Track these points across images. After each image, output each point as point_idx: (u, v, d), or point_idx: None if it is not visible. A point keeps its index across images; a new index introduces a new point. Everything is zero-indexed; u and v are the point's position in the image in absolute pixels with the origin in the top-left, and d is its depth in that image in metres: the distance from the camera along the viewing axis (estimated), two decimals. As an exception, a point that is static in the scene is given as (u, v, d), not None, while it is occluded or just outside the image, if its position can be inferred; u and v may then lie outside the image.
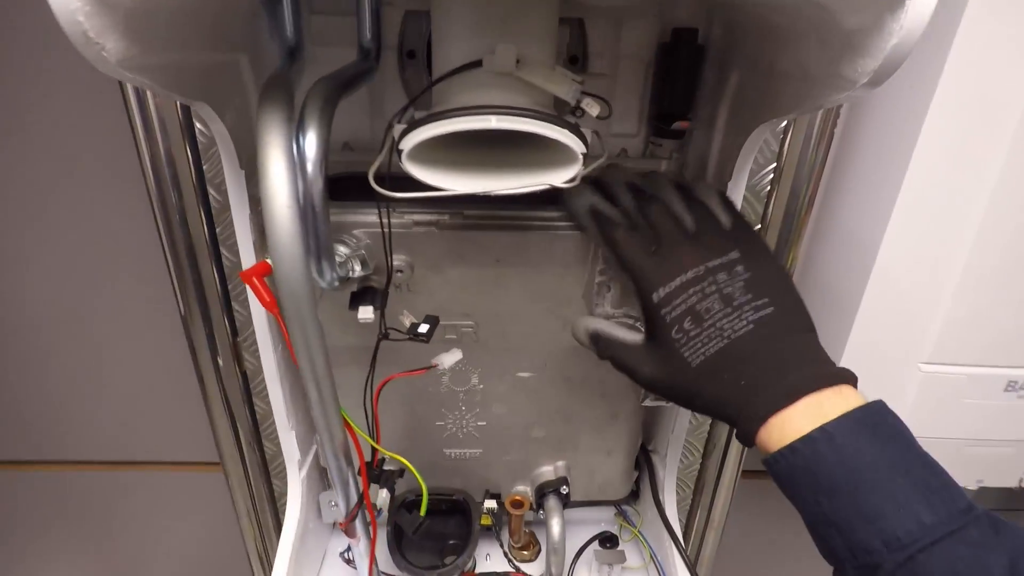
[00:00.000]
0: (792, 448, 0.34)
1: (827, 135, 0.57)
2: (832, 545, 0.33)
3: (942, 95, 0.54)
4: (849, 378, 0.36)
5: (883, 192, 0.61)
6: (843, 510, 0.32)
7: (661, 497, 0.66)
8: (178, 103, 0.60)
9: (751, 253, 0.40)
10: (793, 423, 0.34)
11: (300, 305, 0.37)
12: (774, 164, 0.59)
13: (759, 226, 0.62)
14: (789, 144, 0.58)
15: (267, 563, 0.91)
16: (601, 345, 0.45)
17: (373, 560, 0.52)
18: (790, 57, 0.38)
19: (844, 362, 0.68)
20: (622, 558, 0.67)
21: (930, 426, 0.69)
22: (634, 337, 0.43)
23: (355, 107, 0.55)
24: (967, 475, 0.74)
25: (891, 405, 0.69)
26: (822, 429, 0.33)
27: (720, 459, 0.77)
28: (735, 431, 0.38)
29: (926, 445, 0.72)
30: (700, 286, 0.39)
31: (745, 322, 0.38)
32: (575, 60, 0.53)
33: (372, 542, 0.51)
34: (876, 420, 0.34)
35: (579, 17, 0.51)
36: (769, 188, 0.60)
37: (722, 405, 0.38)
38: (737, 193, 0.48)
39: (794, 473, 0.34)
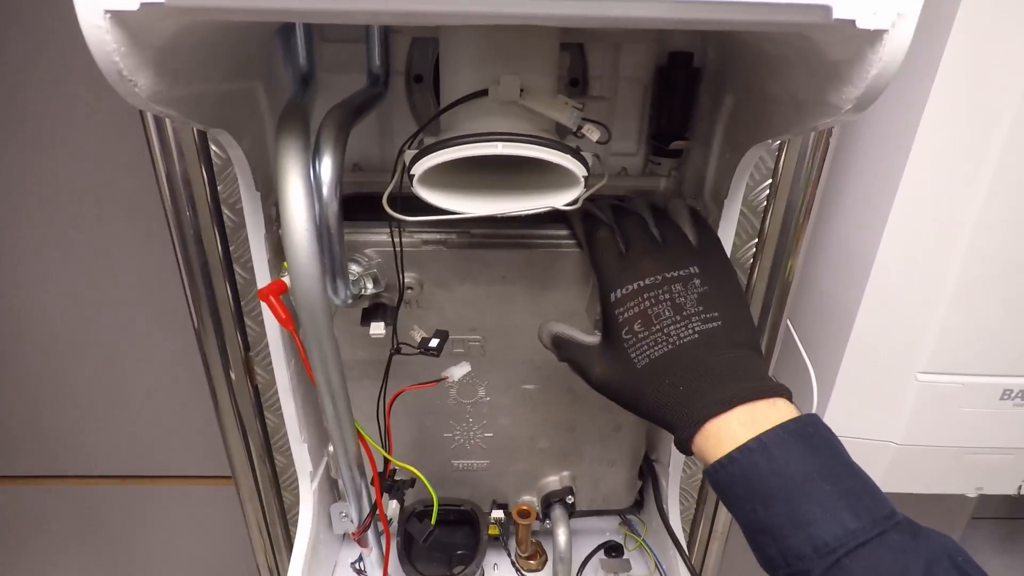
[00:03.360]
0: (730, 458, 0.35)
1: (821, 150, 0.59)
2: (767, 553, 0.35)
3: (933, 108, 0.56)
4: (784, 392, 0.38)
5: (877, 204, 0.62)
6: (777, 517, 0.34)
7: (665, 506, 0.67)
8: (194, 127, 0.62)
9: (710, 270, 0.43)
10: (729, 431, 0.36)
11: (318, 322, 0.38)
12: (770, 180, 0.61)
13: (755, 240, 0.64)
14: (784, 160, 0.60)
15: (277, 575, 0.92)
16: (560, 347, 0.46)
17: (386, 569, 0.53)
18: (780, 83, 0.40)
19: (842, 373, 0.70)
20: (627, 567, 0.68)
21: (928, 434, 0.70)
22: (591, 339, 0.44)
23: (364, 129, 0.58)
24: (967, 482, 0.75)
25: (890, 414, 0.70)
26: (758, 439, 0.35)
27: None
28: (673, 439, 0.39)
29: (925, 453, 0.73)
30: (655, 292, 0.41)
31: (692, 331, 0.40)
32: (576, 83, 0.55)
33: (386, 550, 0.53)
34: (809, 431, 0.35)
35: (579, 43, 0.53)
36: (766, 203, 0.62)
37: (661, 409, 0.39)
38: (733, 209, 0.50)
39: (732, 483, 0.35)
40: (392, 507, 0.63)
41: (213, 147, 0.63)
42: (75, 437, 0.96)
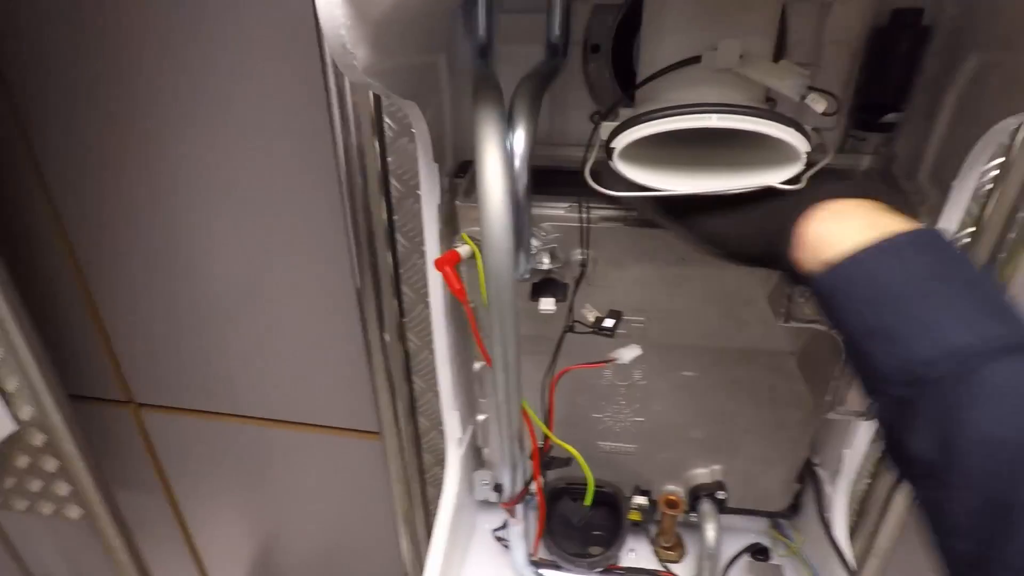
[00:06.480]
0: (855, 258, 0.31)
1: (1073, 127, 0.49)
2: (881, 362, 0.30)
3: None
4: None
5: None
6: (904, 321, 0.30)
7: (828, 516, 0.61)
8: (371, 99, 0.65)
9: None
10: (847, 231, 0.32)
11: (503, 295, 0.38)
12: (1002, 159, 0.52)
13: (972, 228, 0.55)
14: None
15: (412, 528, 0.98)
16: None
17: (537, 543, 0.54)
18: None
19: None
20: (780, 573, 0.63)
21: None
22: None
23: (535, 101, 0.57)
24: None
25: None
26: (890, 239, 0.31)
27: (893, 480, 0.71)
28: (772, 240, 0.35)
29: None
30: None
31: None
32: (770, 49, 0.50)
33: (540, 524, 0.53)
34: (941, 242, 0.32)
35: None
36: (991, 187, 0.53)
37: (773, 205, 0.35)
38: (963, 194, 0.43)
39: (853, 285, 0.31)
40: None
41: (387, 119, 0.66)
42: (240, 380, 1.07)
